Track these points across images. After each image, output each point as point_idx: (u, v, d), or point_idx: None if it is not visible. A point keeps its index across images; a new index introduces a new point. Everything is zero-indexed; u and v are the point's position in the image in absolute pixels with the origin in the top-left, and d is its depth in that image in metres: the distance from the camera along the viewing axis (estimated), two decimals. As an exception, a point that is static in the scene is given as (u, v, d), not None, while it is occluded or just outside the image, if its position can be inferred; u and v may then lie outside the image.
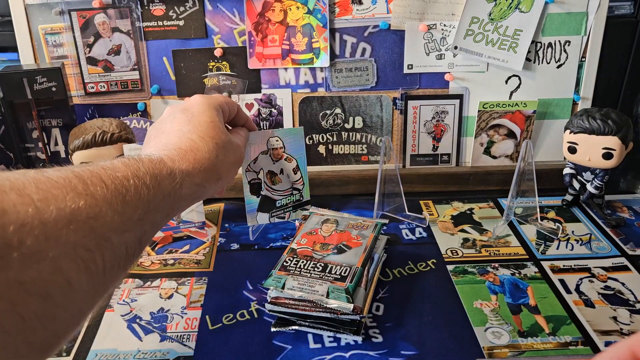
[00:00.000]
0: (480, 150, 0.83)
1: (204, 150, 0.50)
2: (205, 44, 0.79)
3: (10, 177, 0.32)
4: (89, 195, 0.35)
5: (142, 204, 0.40)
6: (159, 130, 0.53)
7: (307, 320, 0.53)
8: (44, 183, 0.33)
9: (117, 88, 0.80)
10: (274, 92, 0.81)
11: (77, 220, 0.33)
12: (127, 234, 0.38)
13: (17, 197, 0.30)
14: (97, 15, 0.76)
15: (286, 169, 0.70)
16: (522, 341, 0.52)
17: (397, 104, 0.81)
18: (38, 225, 0.30)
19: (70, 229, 0.32)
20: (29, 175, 0.33)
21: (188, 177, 0.47)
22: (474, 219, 0.75)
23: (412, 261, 0.65)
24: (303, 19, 0.77)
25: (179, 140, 0.50)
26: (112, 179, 0.38)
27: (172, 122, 0.53)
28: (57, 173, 0.35)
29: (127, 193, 0.39)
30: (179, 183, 0.45)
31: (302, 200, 0.72)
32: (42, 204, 0.31)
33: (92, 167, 0.38)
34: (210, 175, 0.50)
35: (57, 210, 0.32)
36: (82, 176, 0.36)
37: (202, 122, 0.52)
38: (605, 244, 0.68)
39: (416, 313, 0.56)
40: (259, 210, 0.70)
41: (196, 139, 0.50)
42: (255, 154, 0.67)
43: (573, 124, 0.72)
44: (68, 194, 0.33)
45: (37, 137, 0.75)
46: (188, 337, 0.54)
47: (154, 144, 0.51)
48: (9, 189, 0.31)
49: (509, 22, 0.77)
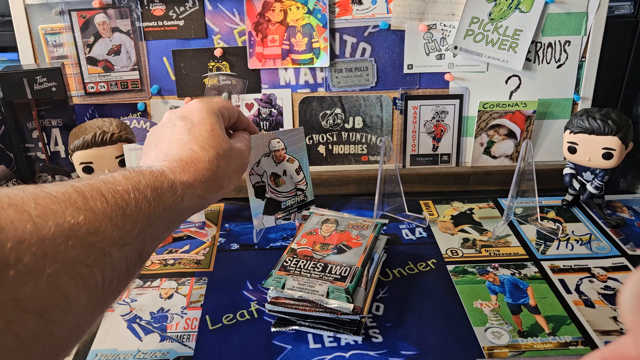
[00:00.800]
0: (480, 150, 0.83)
1: (204, 160, 0.49)
2: (205, 44, 0.79)
3: (9, 194, 0.32)
4: (88, 209, 0.35)
5: (143, 217, 0.40)
6: (159, 138, 0.53)
7: (307, 320, 0.53)
8: (43, 198, 0.33)
9: (117, 88, 0.80)
10: (274, 92, 0.81)
11: (76, 236, 0.33)
12: (127, 247, 0.38)
13: (15, 213, 0.30)
14: (97, 15, 0.76)
15: (289, 170, 0.70)
16: (522, 341, 0.52)
17: (397, 104, 0.81)
18: (36, 242, 0.30)
19: (69, 245, 0.32)
20: (28, 191, 0.33)
21: (189, 189, 0.47)
22: (474, 219, 0.75)
23: (412, 261, 0.65)
24: (303, 19, 0.78)
25: (180, 151, 0.49)
26: (113, 193, 0.38)
27: (172, 130, 0.52)
28: (56, 188, 0.35)
29: (127, 207, 0.38)
30: (180, 195, 0.45)
31: (307, 201, 0.72)
32: (40, 219, 0.31)
33: (92, 181, 0.38)
34: (211, 186, 0.50)
35: (55, 226, 0.32)
36: (82, 190, 0.36)
37: (203, 131, 0.52)
38: (605, 244, 0.68)
39: (416, 313, 0.56)
40: (265, 213, 0.69)
41: (197, 149, 0.50)
42: (257, 157, 0.67)
43: (573, 124, 0.72)
44: (67, 209, 0.33)
45: (37, 137, 0.75)
46: (188, 337, 0.54)
47: (154, 153, 0.50)
48: (7, 205, 0.30)
49: (509, 22, 0.77)
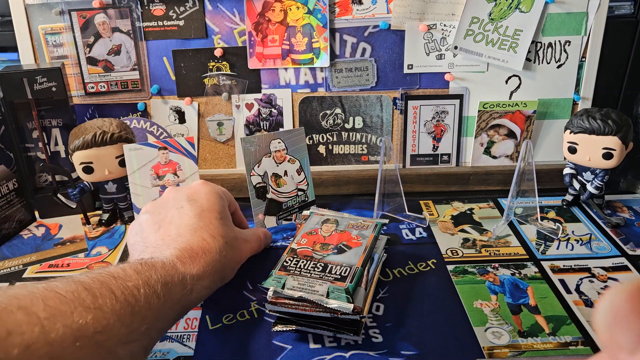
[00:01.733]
0: (480, 150, 0.83)
1: (214, 251, 0.49)
2: (205, 44, 0.79)
3: (18, 294, 0.32)
4: (97, 308, 0.35)
5: (152, 313, 0.39)
6: (164, 218, 0.52)
7: (307, 320, 0.53)
8: (52, 299, 0.33)
9: (117, 88, 0.80)
10: (274, 92, 0.81)
11: (83, 337, 0.33)
12: (133, 344, 0.37)
13: (23, 316, 0.30)
14: (97, 15, 0.76)
15: (290, 171, 0.70)
16: (522, 341, 0.52)
17: (397, 104, 0.81)
18: (43, 346, 0.30)
19: (76, 347, 0.32)
20: (36, 291, 0.33)
21: (198, 282, 0.46)
22: (474, 219, 0.75)
23: (412, 261, 0.65)
24: (303, 19, 0.77)
25: (192, 239, 0.49)
26: (122, 290, 0.38)
27: (180, 213, 0.52)
28: (65, 287, 0.35)
29: (136, 303, 0.38)
30: (190, 289, 0.45)
31: (308, 201, 0.72)
32: (48, 322, 0.31)
33: (102, 277, 0.38)
34: (218, 277, 0.50)
35: (63, 328, 0.32)
36: (91, 288, 0.36)
37: (213, 218, 0.51)
38: (605, 244, 0.68)
39: (416, 313, 0.56)
40: (266, 214, 0.70)
41: (208, 237, 0.49)
42: (258, 158, 0.67)
43: (573, 124, 0.72)
44: (76, 309, 0.33)
45: (37, 137, 0.75)
46: (188, 337, 0.54)
47: (161, 235, 0.50)
48: (17, 308, 0.30)
49: (509, 22, 0.77)
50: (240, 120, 0.82)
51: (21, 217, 0.74)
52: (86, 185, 0.73)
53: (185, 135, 0.82)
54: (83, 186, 0.73)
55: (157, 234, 0.50)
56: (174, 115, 0.82)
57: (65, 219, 0.77)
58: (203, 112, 0.82)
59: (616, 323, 0.18)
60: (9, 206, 0.72)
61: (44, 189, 0.78)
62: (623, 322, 0.18)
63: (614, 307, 0.18)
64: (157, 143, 0.70)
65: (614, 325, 0.18)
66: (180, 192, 0.55)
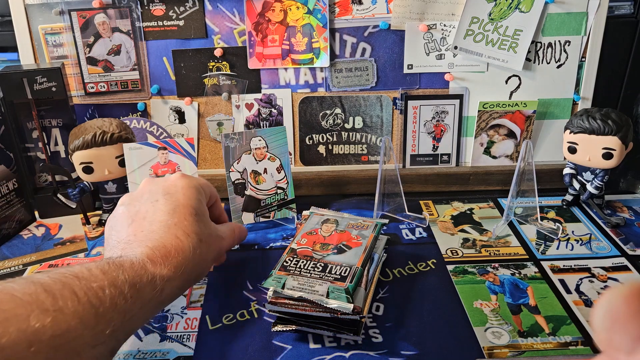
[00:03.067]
0: (480, 150, 0.83)
1: (188, 249, 0.47)
2: (205, 44, 0.79)
3: None
4: (57, 310, 0.33)
5: (118, 315, 0.38)
6: (138, 212, 0.50)
7: (307, 320, 0.53)
8: (8, 302, 0.32)
9: (117, 88, 0.80)
10: (274, 92, 0.81)
11: (39, 341, 0.31)
12: (98, 347, 0.36)
13: None
14: (97, 15, 0.76)
15: (270, 169, 0.70)
16: (522, 341, 0.52)
17: (397, 104, 0.81)
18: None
19: (30, 352, 0.31)
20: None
21: (169, 282, 0.44)
22: (474, 219, 0.75)
23: (412, 261, 0.65)
24: (303, 19, 0.77)
25: (165, 236, 0.47)
26: (86, 290, 0.36)
27: (154, 207, 0.50)
28: (23, 288, 0.33)
29: (101, 305, 0.36)
30: (160, 290, 0.43)
31: (287, 199, 0.72)
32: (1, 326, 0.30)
33: (65, 278, 0.36)
34: (191, 277, 0.48)
35: (17, 332, 0.30)
36: (51, 289, 0.34)
37: (187, 215, 0.49)
38: (605, 244, 0.68)
39: (416, 313, 0.56)
40: (244, 210, 0.70)
41: (182, 235, 0.48)
42: (238, 154, 0.67)
43: (573, 124, 0.72)
44: (33, 312, 0.32)
45: (37, 137, 0.75)
46: (188, 337, 0.54)
47: (133, 230, 0.48)
48: None
49: (509, 22, 0.77)
50: (240, 120, 0.82)
51: (21, 217, 0.74)
52: (86, 185, 0.73)
53: (185, 135, 0.82)
54: (83, 186, 0.73)
55: (130, 229, 0.48)
56: (173, 115, 0.82)
57: (65, 219, 0.77)
58: (203, 112, 0.82)
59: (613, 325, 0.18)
60: (9, 206, 0.72)
61: (44, 189, 0.78)
62: (620, 324, 0.18)
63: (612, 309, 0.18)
64: (157, 143, 0.70)
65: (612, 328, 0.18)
66: (157, 184, 0.53)
